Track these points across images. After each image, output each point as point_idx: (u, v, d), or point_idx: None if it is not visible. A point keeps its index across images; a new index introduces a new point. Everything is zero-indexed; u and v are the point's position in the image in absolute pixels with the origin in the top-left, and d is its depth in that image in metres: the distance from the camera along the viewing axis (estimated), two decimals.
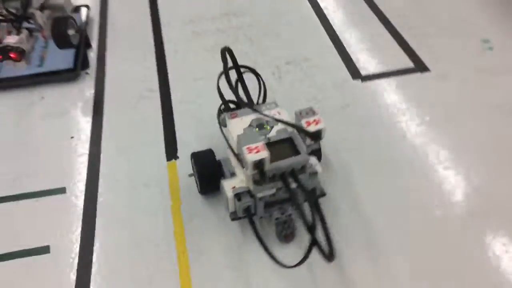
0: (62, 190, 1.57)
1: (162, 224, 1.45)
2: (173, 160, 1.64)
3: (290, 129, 1.28)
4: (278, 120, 1.27)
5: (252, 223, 1.36)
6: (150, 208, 1.50)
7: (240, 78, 1.49)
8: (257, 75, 1.51)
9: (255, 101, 1.53)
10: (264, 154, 1.20)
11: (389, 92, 1.85)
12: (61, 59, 2.08)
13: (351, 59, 2.02)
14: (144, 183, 1.58)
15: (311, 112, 1.34)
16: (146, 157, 1.66)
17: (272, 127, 1.30)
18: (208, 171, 1.41)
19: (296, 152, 1.25)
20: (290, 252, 1.34)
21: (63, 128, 1.79)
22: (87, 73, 2.05)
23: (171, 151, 1.67)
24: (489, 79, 1.87)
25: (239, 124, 1.33)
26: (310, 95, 1.85)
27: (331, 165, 1.59)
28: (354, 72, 1.95)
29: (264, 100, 1.55)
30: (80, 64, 2.05)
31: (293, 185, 1.26)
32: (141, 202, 1.52)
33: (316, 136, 1.30)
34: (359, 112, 1.77)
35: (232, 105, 1.48)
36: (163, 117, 1.80)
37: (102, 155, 1.68)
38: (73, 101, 1.91)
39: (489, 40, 2.05)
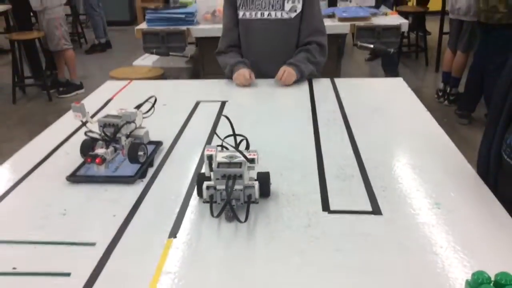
0: (93, 244, 2.31)
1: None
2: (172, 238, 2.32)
3: (243, 160, 2.29)
4: (230, 145, 2.37)
5: (211, 206, 2.29)
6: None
7: (235, 139, 2.48)
8: (245, 139, 2.49)
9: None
10: (214, 152, 2.27)
11: (341, 224, 2.41)
12: (129, 169, 3.00)
13: (327, 199, 2.64)
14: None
15: (255, 152, 2.37)
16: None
17: (237, 159, 2.29)
18: (201, 179, 2.39)
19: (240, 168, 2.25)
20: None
21: (110, 210, 2.61)
22: (141, 181, 2.91)
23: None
24: (426, 227, 2.36)
25: (222, 154, 2.34)
26: (284, 215, 2.47)
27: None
28: (326, 206, 2.56)
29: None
30: (139, 174, 2.93)
31: (237, 187, 2.23)
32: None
33: (250, 160, 2.31)
34: (311, 230, 2.34)
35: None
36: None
37: (127, 228, 2.43)
38: (124, 195, 2.75)
39: (440, 203, 2.55)
